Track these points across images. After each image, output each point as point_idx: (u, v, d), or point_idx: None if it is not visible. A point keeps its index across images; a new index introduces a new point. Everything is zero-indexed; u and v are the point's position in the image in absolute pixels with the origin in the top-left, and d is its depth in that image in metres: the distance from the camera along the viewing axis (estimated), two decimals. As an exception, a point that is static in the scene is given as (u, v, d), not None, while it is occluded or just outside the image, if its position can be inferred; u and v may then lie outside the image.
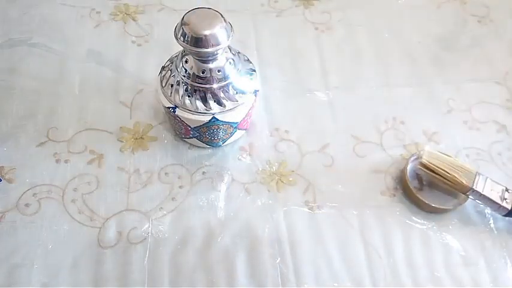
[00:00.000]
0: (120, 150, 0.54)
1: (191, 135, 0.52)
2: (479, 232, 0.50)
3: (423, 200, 0.50)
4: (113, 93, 0.59)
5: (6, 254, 0.46)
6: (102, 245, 0.47)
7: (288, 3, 0.72)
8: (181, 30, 0.42)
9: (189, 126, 0.50)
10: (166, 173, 0.53)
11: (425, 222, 0.50)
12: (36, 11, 0.68)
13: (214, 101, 0.46)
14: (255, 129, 0.57)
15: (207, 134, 0.51)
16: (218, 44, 0.41)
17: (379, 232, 0.49)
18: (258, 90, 0.51)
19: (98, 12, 0.68)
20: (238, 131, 0.53)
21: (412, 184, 0.51)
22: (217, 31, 0.41)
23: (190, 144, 0.55)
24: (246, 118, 0.52)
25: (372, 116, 0.59)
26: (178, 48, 0.65)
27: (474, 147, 0.57)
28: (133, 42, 0.65)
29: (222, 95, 0.46)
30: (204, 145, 0.54)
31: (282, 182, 0.53)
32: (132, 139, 0.55)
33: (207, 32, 0.41)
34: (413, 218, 0.51)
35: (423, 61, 0.66)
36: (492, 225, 0.51)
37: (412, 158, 0.53)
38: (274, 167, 0.54)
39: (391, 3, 0.74)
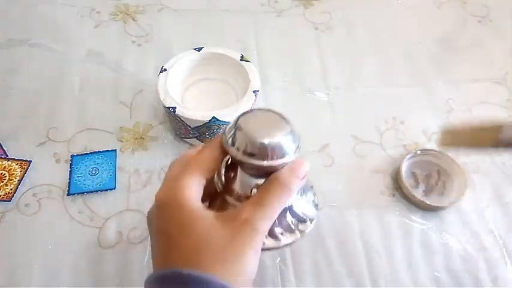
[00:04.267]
0: (120, 150, 0.54)
1: (191, 135, 0.52)
2: (479, 232, 0.50)
3: (418, 198, 0.50)
4: (113, 93, 0.59)
5: (6, 254, 0.46)
6: (102, 245, 0.47)
7: (288, 3, 0.72)
8: (232, 134, 0.30)
9: (189, 126, 0.50)
10: (166, 173, 0.53)
11: (425, 222, 0.50)
12: (36, 11, 0.68)
13: (281, 229, 0.34)
14: (255, 129, 0.57)
15: (207, 134, 0.51)
16: (283, 156, 0.30)
17: (379, 232, 0.49)
18: (258, 90, 0.51)
19: (98, 12, 0.68)
20: (238, 131, 0.53)
21: (408, 182, 0.51)
22: (282, 139, 0.30)
23: (190, 144, 0.55)
24: (246, 118, 0.51)
25: (372, 116, 0.59)
26: (178, 48, 0.64)
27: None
28: (133, 42, 0.65)
29: (288, 216, 0.34)
30: (204, 145, 0.54)
31: (282, 182, 0.52)
32: (132, 139, 0.55)
33: (267, 141, 0.29)
34: (413, 217, 0.51)
35: (423, 61, 0.66)
36: (492, 225, 0.51)
37: (407, 157, 0.53)
38: (274, 167, 0.54)
39: (391, 3, 0.74)
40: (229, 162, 0.34)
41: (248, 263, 0.28)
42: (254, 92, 0.50)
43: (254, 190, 0.32)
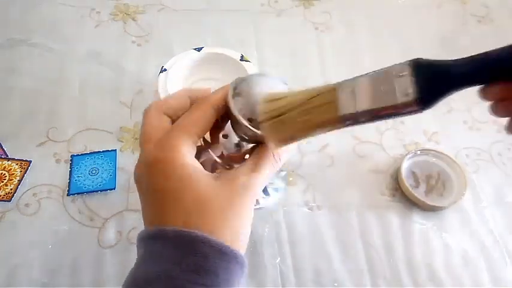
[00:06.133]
0: (120, 150, 0.54)
1: (191, 135, 0.52)
2: (479, 232, 0.50)
3: (418, 198, 0.50)
4: (113, 93, 0.59)
5: (6, 254, 0.46)
6: (102, 245, 0.47)
7: (288, 3, 0.72)
8: (246, 104, 0.30)
9: (189, 126, 0.50)
10: (166, 173, 0.53)
11: (425, 222, 0.50)
12: (36, 11, 0.68)
13: None
14: (255, 129, 0.57)
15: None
16: None
17: (379, 232, 0.49)
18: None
19: (98, 12, 0.68)
20: (238, 131, 0.53)
21: (408, 182, 0.51)
22: None
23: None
24: (246, 118, 0.51)
25: (371, 116, 0.59)
26: (178, 48, 0.64)
27: (474, 147, 0.57)
28: (133, 42, 0.65)
29: None
30: (204, 145, 0.54)
31: (282, 182, 0.53)
32: (132, 139, 0.55)
33: None
34: (413, 217, 0.51)
35: (423, 61, 0.66)
36: (492, 225, 0.51)
37: (407, 157, 0.53)
38: (274, 167, 0.54)
39: (391, 3, 0.74)
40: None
41: (246, 223, 0.28)
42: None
43: (246, 156, 0.33)
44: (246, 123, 0.29)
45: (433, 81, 0.24)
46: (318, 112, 0.28)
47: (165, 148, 0.29)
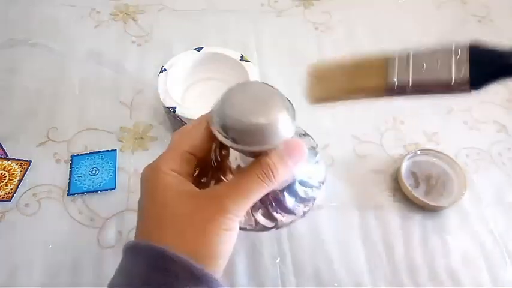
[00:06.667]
0: (120, 150, 0.54)
1: (191, 135, 0.52)
2: (479, 232, 0.50)
3: (418, 198, 0.50)
4: (113, 93, 0.59)
5: (6, 254, 0.46)
6: (102, 245, 0.47)
7: (288, 3, 0.72)
8: (218, 117, 0.27)
9: (189, 126, 0.49)
10: (166, 173, 0.53)
11: (425, 222, 0.50)
12: (36, 11, 0.68)
13: (278, 211, 0.33)
14: (255, 129, 0.57)
15: (207, 134, 0.51)
16: (280, 138, 0.27)
17: (379, 232, 0.49)
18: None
19: (98, 12, 0.68)
20: (238, 131, 0.53)
21: (408, 182, 0.51)
22: (278, 118, 0.26)
23: (190, 144, 0.55)
24: (246, 118, 0.51)
25: (372, 116, 0.59)
26: (178, 48, 0.64)
27: (474, 147, 0.57)
28: (133, 42, 0.65)
29: (288, 198, 0.33)
30: (204, 145, 0.54)
31: (282, 182, 0.52)
32: (132, 139, 0.55)
33: (262, 121, 0.26)
34: (413, 217, 0.51)
35: (423, 61, 0.66)
36: (492, 225, 0.51)
37: (407, 157, 0.53)
38: (274, 167, 0.54)
39: (391, 3, 0.74)
40: None
41: (210, 239, 0.26)
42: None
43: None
44: (230, 143, 0.27)
45: (486, 66, 0.27)
46: (365, 75, 0.27)
47: (151, 165, 0.30)
